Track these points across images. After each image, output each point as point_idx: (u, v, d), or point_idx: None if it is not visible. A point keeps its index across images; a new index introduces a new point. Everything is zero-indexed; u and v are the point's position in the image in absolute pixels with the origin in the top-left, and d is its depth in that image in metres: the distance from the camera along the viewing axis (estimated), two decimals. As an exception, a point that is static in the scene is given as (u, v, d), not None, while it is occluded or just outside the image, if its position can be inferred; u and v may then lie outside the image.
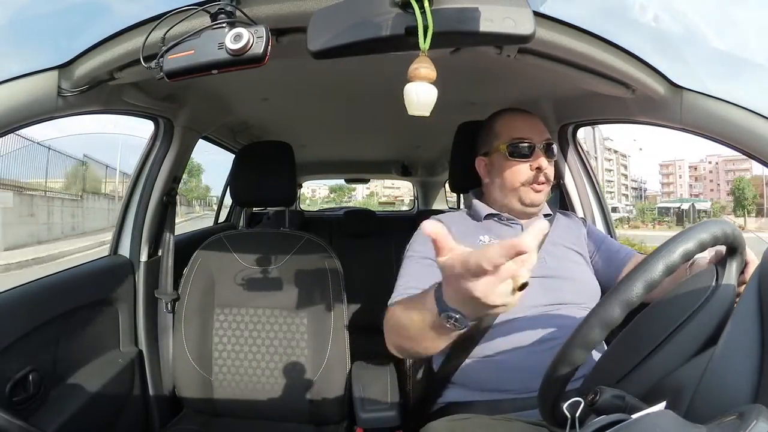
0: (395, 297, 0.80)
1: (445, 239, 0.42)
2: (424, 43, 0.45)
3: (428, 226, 0.42)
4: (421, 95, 0.45)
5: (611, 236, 1.11)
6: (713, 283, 0.53)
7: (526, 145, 0.87)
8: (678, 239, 0.48)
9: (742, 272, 0.55)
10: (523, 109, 0.96)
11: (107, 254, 1.16)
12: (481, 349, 0.81)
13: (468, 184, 1.09)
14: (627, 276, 0.47)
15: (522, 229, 0.90)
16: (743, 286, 0.54)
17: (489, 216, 0.92)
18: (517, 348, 0.79)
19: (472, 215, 0.95)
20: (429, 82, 0.45)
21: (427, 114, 0.46)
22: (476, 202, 0.95)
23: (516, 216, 0.92)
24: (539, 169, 0.86)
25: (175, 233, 1.25)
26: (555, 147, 0.91)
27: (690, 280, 0.55)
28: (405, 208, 5.54)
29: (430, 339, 0.58)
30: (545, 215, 0.95)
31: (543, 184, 0.88)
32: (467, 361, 0.83)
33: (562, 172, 1.29)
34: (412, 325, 0.60)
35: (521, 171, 0.87)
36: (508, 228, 0.91)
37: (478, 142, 0.97)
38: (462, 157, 1.09)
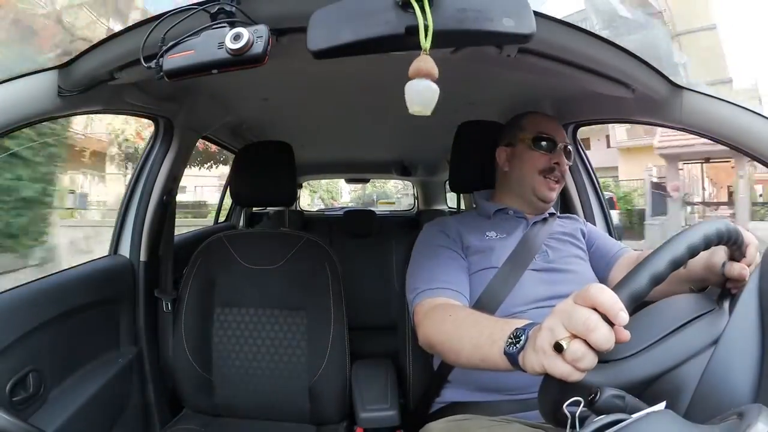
0: (430, 291, 0.80)
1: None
2: (426, 42, 0.44)
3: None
4: (422, 93, 0.44)
5: (610, 235, 1.12)
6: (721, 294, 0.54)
7: (550, 139, 0.93)
8: (680, 237, 0.48)
9: (744, 256, 0.56)
10: (553, 117, 1.03)
11: (107, 254, 1.16)
12: None
13: (468, 183, 1.09)
14: (634, 269, 0.46)
15: (527, 224, 0.93)
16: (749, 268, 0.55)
17: (497, 212, 0.95)
18: None
19: (480, 213, 0.98)
20: (431, 80, 0.45)
21: (429, 112, 0.45)
22: (483, 203, 0.99)
23: (524, 209, 0.95)
24: (558, 164, 0.92)
25: (175, 233, 1.25)
26: (572, 152, 0.97)
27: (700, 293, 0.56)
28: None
29: (477, 361, 0.60)
30: (549, 213, 0.97)
31: (557, 182, 0.93)
32: None
33: None
34: (464, 344, 0.63)
35: (541, 159, 0.93)
36: (514, 222, 0.94)
37: (501, 136, 1.01)
38: (462, 157, 1.09)
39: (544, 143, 0.93)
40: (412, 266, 0.89)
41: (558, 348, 0.42)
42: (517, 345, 0.51)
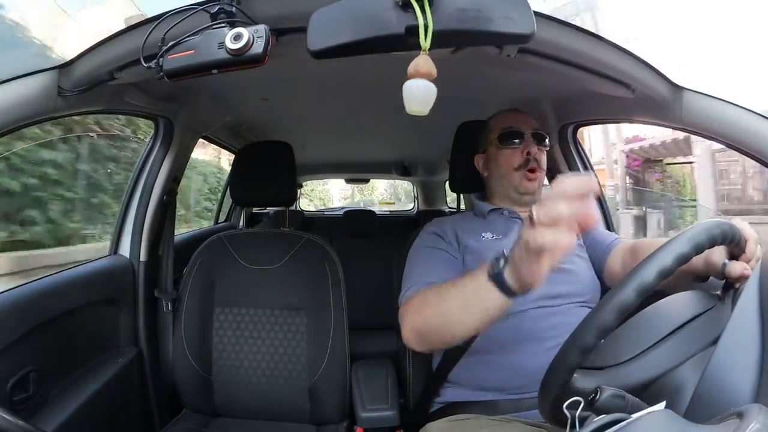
0: (418, 285, 0.79)
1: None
2: (425, 42, 0.44)
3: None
4: (421, 92, 0.45)
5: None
6: (721, 293, 0.53)
7: (515, 132, 0.93)
8: (683, 237, 0.47)
9: (743, 251, 0.55)
10: (515, 109, 1.01)
11: (107, 254, 1.16)
12: (480, 348, 0.81)
13: (468, 183, 1.09)
14: (620, 282, 0.45)
15: (522, 224, 0.92)
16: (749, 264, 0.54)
17: (492, 211, 0.95)
18: (516, 347, 0.79)
19: (475, 214, 0.98)
20: (429, 79, 0.45)
21: (426, 112, 0.46)
22: (478, 203, 0.99)
23: (514, 207, 0.95)
24: (530, 154, 0.91)
25: (175, 233, 1.25)
26: (547, 138, 0.95)
27: (700, 289, 0.56)
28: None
29: (469, 308, 0.59)
30: None
31: (535, 172, 0.92)
32: (466, 360, 0.83)
33: (562, 173, 1.29)
34: (451, 298, 0.62)
35: (513, 156, 0.92)
36: (509, 222, 0.94)
37: (477, 143, 1.02)
38: (462, 157, 1.09)
39: (510, 138, 0.92)
40: (405, 269, 0.88)
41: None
42: (499, 265, 0.53)
